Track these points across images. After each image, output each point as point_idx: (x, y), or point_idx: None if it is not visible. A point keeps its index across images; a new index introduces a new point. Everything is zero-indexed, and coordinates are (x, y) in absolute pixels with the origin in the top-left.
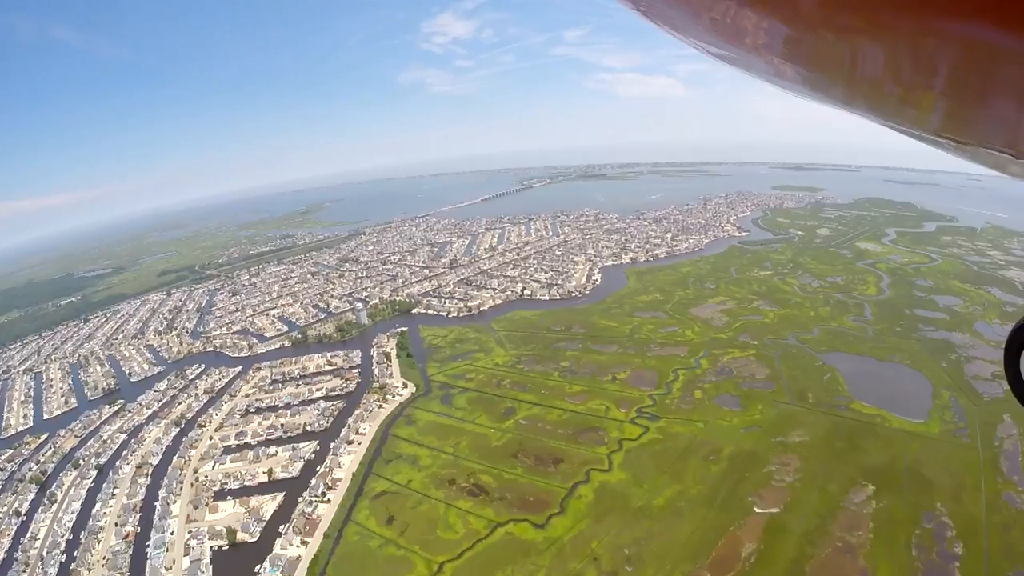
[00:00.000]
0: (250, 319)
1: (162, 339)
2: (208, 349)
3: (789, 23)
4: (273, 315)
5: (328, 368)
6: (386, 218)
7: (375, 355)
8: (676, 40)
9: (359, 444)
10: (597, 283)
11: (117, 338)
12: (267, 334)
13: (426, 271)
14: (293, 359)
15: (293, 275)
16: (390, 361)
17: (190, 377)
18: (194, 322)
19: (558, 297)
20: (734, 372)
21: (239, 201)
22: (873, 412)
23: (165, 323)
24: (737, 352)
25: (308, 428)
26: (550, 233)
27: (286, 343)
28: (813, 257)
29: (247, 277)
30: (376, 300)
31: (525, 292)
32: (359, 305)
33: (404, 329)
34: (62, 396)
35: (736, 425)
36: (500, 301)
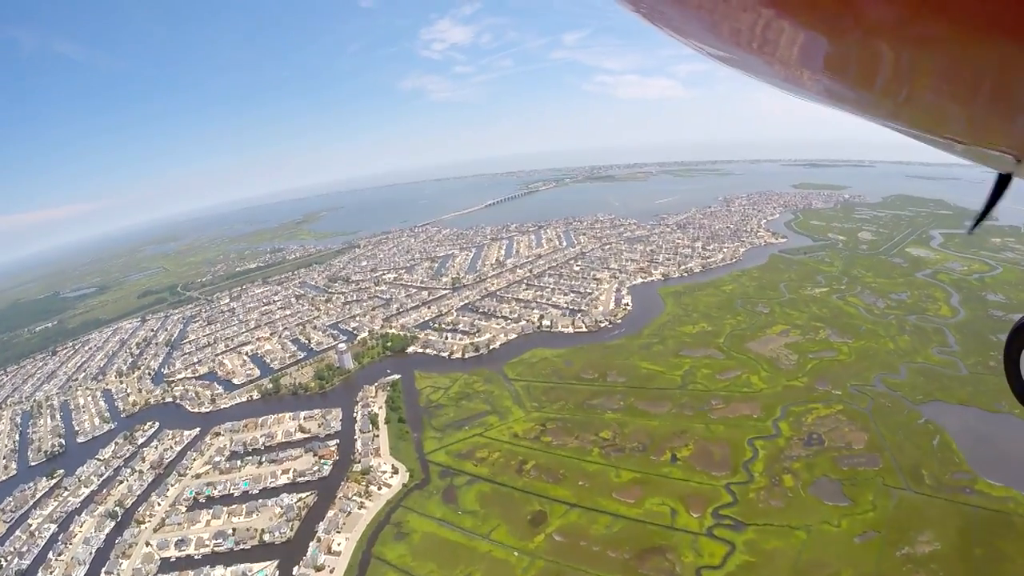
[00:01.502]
0: (220, 357)
1: (122, 382)
2: (167, 399)
3: (801, 28)
4: (246, 353)
5: (299, 437)
6: (384, 228)
7: (359, 417)
8: (675, 42)
9: (331, 572)
10: (629, 308)
11: (77, 378)
12: (235, 380)
13: (424, 293)
14: (259, 421)
15: (276, 298)
16: (377, 428)
17: (139, 441)
18: (160, 360)
19: (584, 329)
20: (825, 441)
21: (238, 211)
22: (1003, 494)
23: (130, 360)
24: (821, 408)
25: (266, 537)
26: (563, 243)
27: (254, 395)
28: (866, 268)
29: (227, 300)
30: (365, 334)
31: (543, 323)
32: (342, 346)
33: (396, 377)
34: (3, 458)
35: (847, 531)
36: (514, 335)
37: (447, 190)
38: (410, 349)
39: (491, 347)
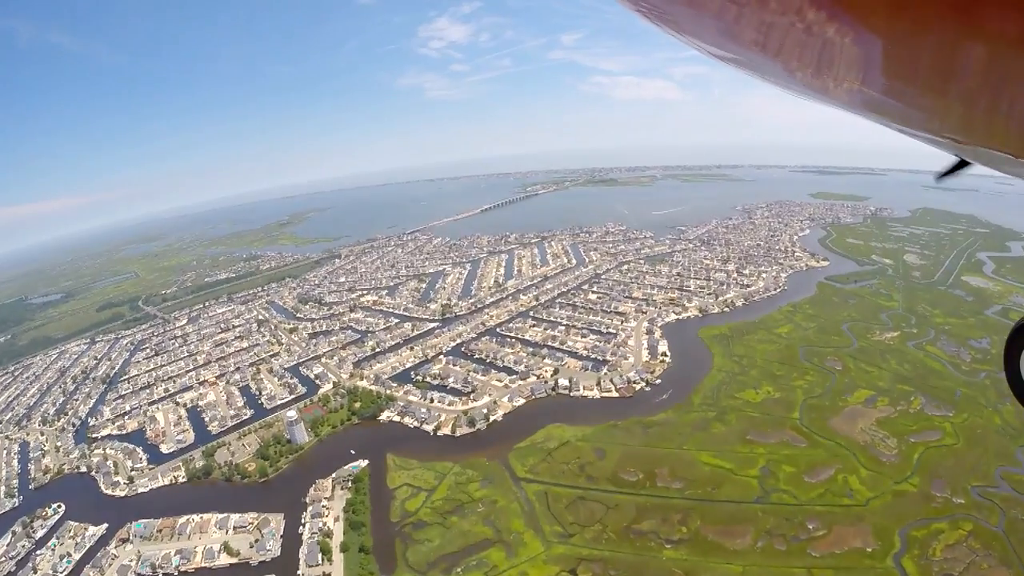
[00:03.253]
0: (154, 408)
1: (42, 434)
2: (83, 468)
3: (797, 22)
4: (184, 404)
5: (224, 561)
6: (370, 234)
7: (306, 533)
8: (671, 44)
9: None
10: (667, 360)
11: (1, 420)
12: (163, 447)
13: (408, 326)
14: (178, 524)
15: (237, 322)
16: (330, 559)
17: (37, 535)
18: (91, 403)
19: (614, 392)
20: None
21: (227, 208)
22: None
23: (61, 400)
24: (947, 529)
25: None
26: (572, 260)
27: (180, 474)
28: (930, 303)
29: (184, 321)
30: (328, 386)
31: (560, 382)
32: (292, 413)
33: (363, 464)
34: None
35: None
36: (521, 399)
37: (441, 192)
38: (384, 415)
39: (491, 418)
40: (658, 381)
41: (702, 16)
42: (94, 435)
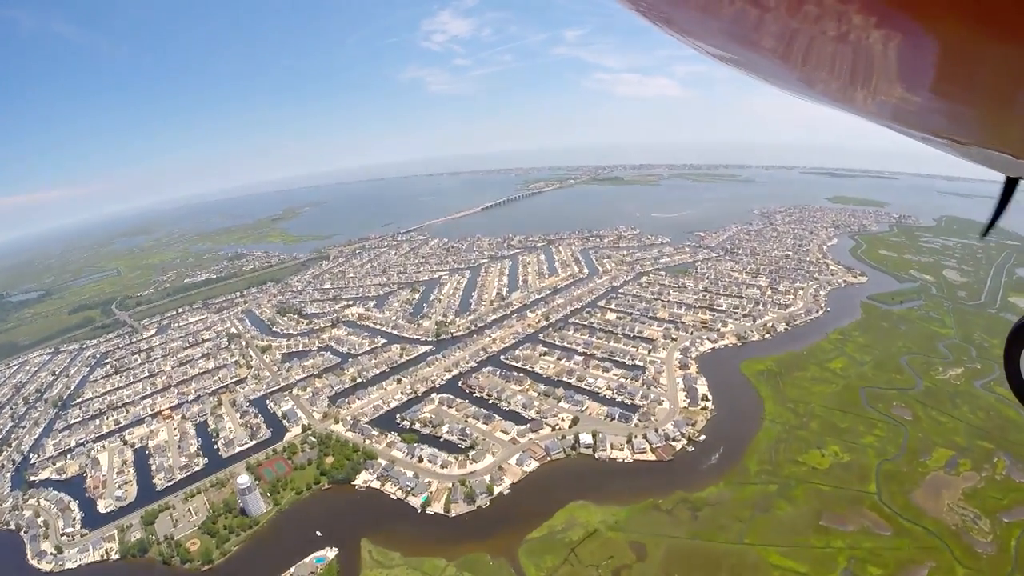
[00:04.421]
0: (99, 447)
1: None
2: (12, 526)
3: (797, 23)
4: (133, 444)
5: None
6: (363, 232)
7: None
8: (675, 42)
9: None
10: (709, 406)
11: None
12: (101, 505)
13: (396, 348)
14: None
15: (206, 335)
16: None
17: None
18: (38, 432)
19: (649, 454)
20: None
21: (224, 200)
22: None
23: (9, 426)
24: None
25: None
26: (584, 269)
27: (113, 549)
28: (986, 330)
29: (153, 332)
30: (297, 429)
31: (581, 438)
32: (244, 479)
33: (331, 556)
34: None
35: None
36: (533, 463)
37: (440, 188)
38: (361, 478)
39: (495, 490)
40: (702, 437)
41: (710, 20)
42: (32, 477)
